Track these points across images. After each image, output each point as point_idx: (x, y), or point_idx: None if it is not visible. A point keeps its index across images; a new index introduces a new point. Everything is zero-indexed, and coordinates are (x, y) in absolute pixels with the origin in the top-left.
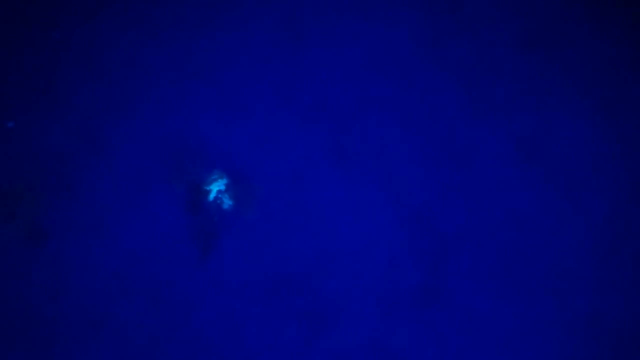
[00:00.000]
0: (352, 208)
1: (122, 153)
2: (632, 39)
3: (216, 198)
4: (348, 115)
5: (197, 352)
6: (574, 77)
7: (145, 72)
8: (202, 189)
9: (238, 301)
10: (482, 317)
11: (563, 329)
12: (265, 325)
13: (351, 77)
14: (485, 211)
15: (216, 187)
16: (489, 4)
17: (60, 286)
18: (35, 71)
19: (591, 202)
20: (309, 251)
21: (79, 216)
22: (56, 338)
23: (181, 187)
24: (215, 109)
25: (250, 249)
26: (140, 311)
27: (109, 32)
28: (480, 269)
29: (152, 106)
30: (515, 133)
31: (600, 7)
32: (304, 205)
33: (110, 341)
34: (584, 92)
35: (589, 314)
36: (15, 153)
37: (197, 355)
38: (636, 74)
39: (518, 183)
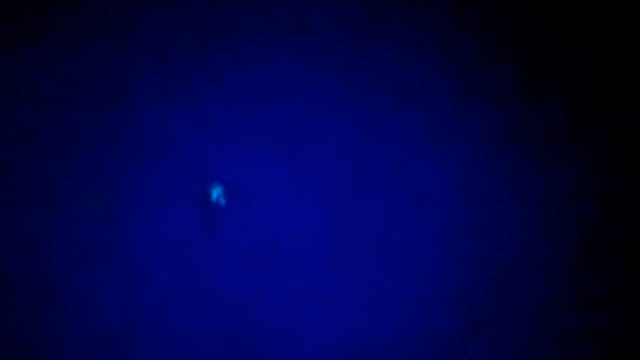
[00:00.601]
0: (298, 205)
1: (161, 178)
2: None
3: (217, 199)
4: (299, 151)
5: (210, 295)
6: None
7: (176, 130)
8: (208, 193)
9: (231, 255)
10: (376, 270)
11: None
12: (245, 270)
13: (305, 126)
14: (380, 210)
15: (216, 192)
16: (392, 67)
17: (128, 262)
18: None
19: (440, 211)
20: (272, 230)
21: (136, 210)
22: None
23: (197, 193)
24: (215, 149)
25: (237, 229)
26: (177, 270)
27: (142, 98)
28: (375, 242)
29: (181, 147)
30: (404, 173)
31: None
32: (269, 203)
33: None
34: (440, 145)
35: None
36: (96, 175)
37: (213, 295)
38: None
39: (397, 199)
